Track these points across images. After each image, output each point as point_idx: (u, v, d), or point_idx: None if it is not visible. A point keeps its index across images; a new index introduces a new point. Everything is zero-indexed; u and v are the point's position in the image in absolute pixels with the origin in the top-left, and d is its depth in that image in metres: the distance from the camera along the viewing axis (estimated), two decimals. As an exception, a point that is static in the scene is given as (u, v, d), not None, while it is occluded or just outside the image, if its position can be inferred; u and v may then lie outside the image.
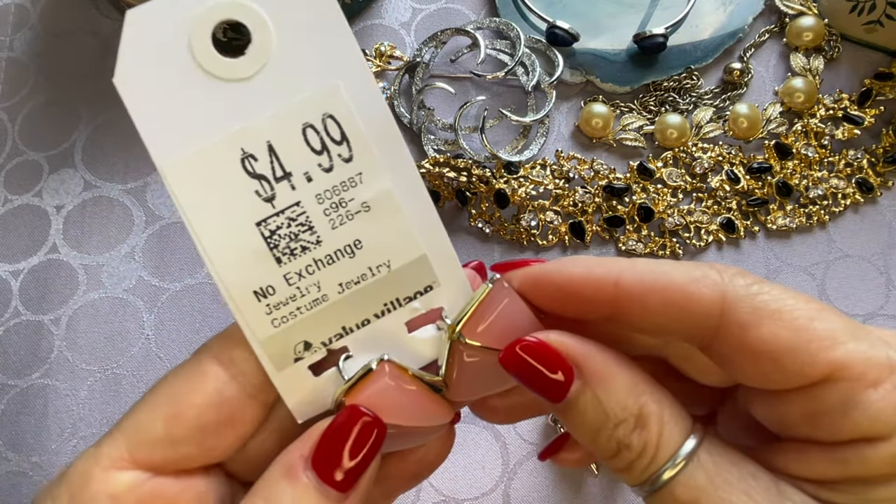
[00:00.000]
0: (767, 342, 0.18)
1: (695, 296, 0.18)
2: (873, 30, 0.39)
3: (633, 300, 0.19)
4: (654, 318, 0.19)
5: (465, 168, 0.36)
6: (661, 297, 0.19)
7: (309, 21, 0.17)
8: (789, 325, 0.18)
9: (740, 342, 0.18)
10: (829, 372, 0.17)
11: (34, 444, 0.34)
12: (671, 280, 0.19)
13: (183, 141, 0.17)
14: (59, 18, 0.43)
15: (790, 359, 0.17)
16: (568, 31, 0.39)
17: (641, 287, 0.19)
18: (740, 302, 0.18)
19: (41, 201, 0.39)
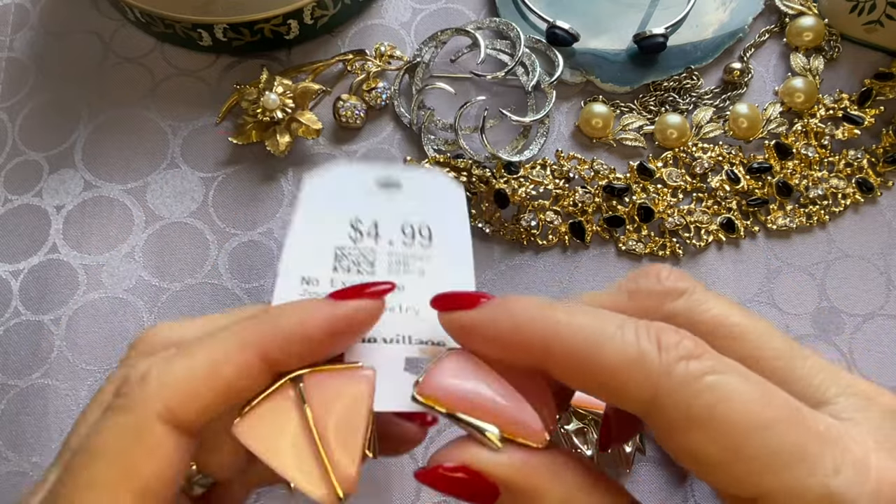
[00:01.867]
0: (693, 451, 0.16)
1: (624, 385, 0.17)
2: (873, 30, 0.39)
3: (559, 371, 0.18)
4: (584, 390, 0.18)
5: (465, 168, 0.36)
6: (592, 379, 0.18)
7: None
8: (720, 438, 0.16)
9: (669, 437, 0.17)
10: (756, 496, 0.16)
11: (34, 444, 0.34)
12: (604, 361, 0.17)
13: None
14: (59, 18, 0.43)
15: (715, 474, 0.16)
16: (568, 31, 0.39)
17: (570, 365, 0.18)
18: (673, 402, 0.16)
19: (41, 201, 0.39)
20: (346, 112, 0.39)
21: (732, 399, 0.16)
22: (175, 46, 0.42)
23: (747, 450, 0.16)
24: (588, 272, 0.37)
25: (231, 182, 0.39)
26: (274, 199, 0.39)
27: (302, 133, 0.38)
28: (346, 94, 0.40)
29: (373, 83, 0.40)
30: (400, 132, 0.40)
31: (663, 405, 0.16)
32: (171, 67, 0.42)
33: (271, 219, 0.38)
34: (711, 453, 0.16)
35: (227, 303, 0.36)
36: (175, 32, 0.40)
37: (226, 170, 0.39)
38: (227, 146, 0.40)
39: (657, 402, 0.17)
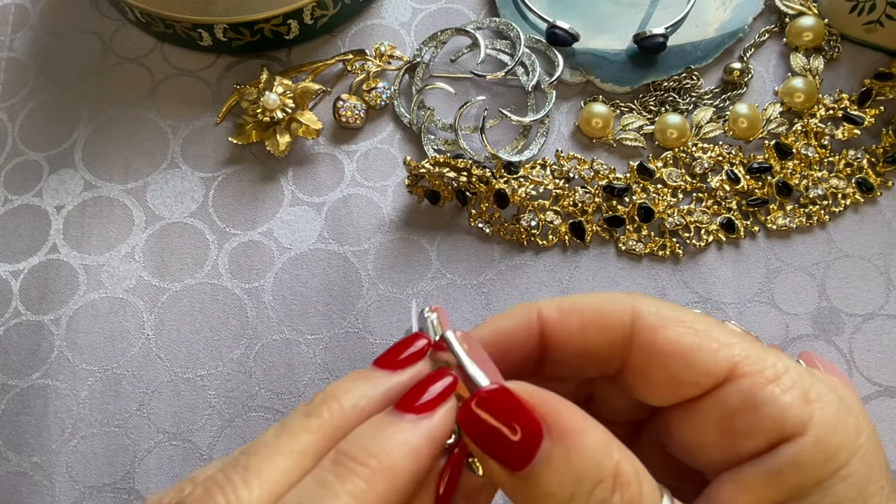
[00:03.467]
0: (674, 341, 0.19)
1: (607, 310, 0.20)
2: (873, 30, 0.39)
3: (555, 329, 0.20)
4: (576, 342, 0.20)
5: (465, 168, 0.36)
6: (579, 317, 0.20)
7: None
8: (691, 329, 0.19)
9: (651, 345, 0.19)
10: (731, 368, 0.18)
11: (34, 444, 0.34)
12: (584, 304, 0.20)
13: None
14: (59, 18, 0.43)
15: (695, 356, 0.19)
16: (568, 31, 0.39)
17: (559, 313, 0.20)
18: (647, 312, 0.20)
19: (41, 201, 0.39)
20: (346, 112, 0.39)
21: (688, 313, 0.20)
22: (175, 46, 0.42)
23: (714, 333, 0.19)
24: (588, 272, 0.37)
25: (231, 182, 0.39)
26: (274, 199, 0.39)
27: (302, 133, 0.38)
28: (346, 94, 0.40)
29: (373, 83, 0.40)
30: (400, 132, 0.40)
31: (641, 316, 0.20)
32: (171, 67, 0.42)
33: (271, 219, 0.38)
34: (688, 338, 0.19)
35: (227, 303, 0.36)
36: (175, 32, 0.40)
37: (226, 170, 0.39)
38: (227, 146, 0.40)
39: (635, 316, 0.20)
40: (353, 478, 0.17)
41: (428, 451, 0.18)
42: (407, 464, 0.18)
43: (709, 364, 0.19)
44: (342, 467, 0.18)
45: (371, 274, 0.37)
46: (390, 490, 0.17)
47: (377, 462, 0.18)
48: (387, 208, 0.38)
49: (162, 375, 0.35)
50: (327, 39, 0.42)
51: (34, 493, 0.33)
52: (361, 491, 0.17)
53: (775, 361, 0.18)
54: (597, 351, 0.20)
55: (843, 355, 0.35)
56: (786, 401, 0.18)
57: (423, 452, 0.18)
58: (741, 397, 0.18)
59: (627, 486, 0.17)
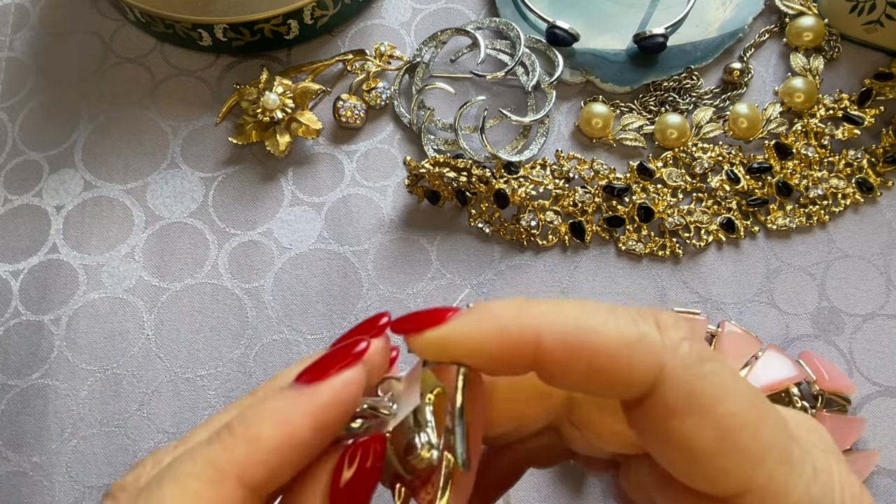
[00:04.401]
0: (689, 438, 0.16)
1: (626, 366, 0.16)
2: (873, 30, 0.39)
3: (555, 365, 0.17)
4: (579, 384, 0.17)
5: (465, 168, 0.36)
6: (588, 363, 0.16)
7: None
8: (717, 427, 0.16)
9: (662, 424, 0.16)
10: (742, 491, 0.16)
11: (34, 444, 0.34)
12: (600, 344, 0.16)
13: None
14: (59, 18, 0.43)
15: (706, 464, 0.16)
16: (568, 31, 0.39)
17: (563, 351, 0.16)
18: (676, 380, 0.16)
19: (41, 201, 0.39)
20: (346, 112, 0.39)
21: (731, 389, 0.16)
22: (175, 46, 0.42)
23: (744, 442, 0.16)
24: (588, 272, 0.37)
25: (231, 182, 0.39)
26: (274, 199, 0.39)
27: (302, 133, 0.38)
28: (346, 94, 0.40)
29: (373, 83, 0.40)
30: (400, 132, 0.40)
31: (666, 385, 0.16)
32: (171, 67, 0.42)
33: (271, 219, 0.38)
34: (706, 441, 0.16)
35: (227, 303, 0.36)
36: (175, 32, 0.40)
37: (226, 170, 0.39)
38: (227, 146, 0.40)
39: (660, 382, 0.16)
40: (217, 442, 0.17)
41: (302, 421, 0.17)
42: (273, 432, 0.16)
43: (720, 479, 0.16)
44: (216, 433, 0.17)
45: (371, 274, 0.37)
46: (249, 458, 0.16)
47: (243, 429, 0.17)
48: (387, 208, 0.38)
49: (162, 375, 0.35)
50: (327, 39, 0.42)
51: (34, 493, 0.33)
52: (215, 454, 0.16)
53: (802, 495, 0.16)
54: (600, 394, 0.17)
55: (843, 355, 0.35)
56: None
57: (294, 421, 0.17)
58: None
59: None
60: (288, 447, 0.17)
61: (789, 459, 0.16)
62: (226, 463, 0.16)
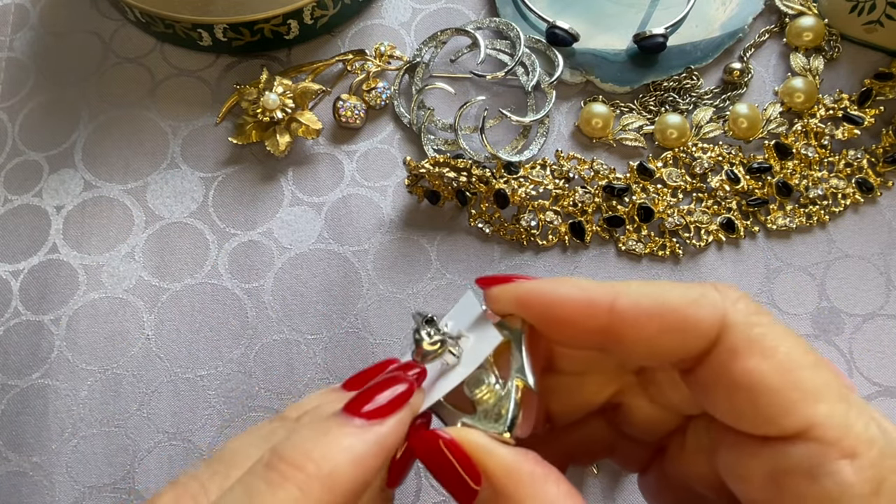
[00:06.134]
0: (751, 376, 0.17)
1: (693, 319, 0.17)
2: (873, 30, 0.39)
3: (628, 325, 0.18)
4: (650, 343, 0.18)
5: (465, 168, 0.36)
6: (660, 321, 0.18)
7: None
8: (779, 366, 0.17)
9: (725, 370, 0.17)
10: (805, 427, 0.16)
11: (34, 444, 0.34)
12: (669, 303, 0.18)
13: None
14: (59, 18, 0.43)
15: (768, 401, 0.16)
16: (568, 31, 0.39)
17: (637, 311, 0.18)
18: (738, 328, 0.17)
19: (41, 201, 0.39)
20: (346, 112, 0.39)
21: (787, 336, 0.17)
22: (175, 46, 0.42)
23: (803, 379, 0.17)
24: (588, 272, 0.37)
25: (231, 182, 0.39)
26: (274, 199, 0.39)
27: (302, 133, 0.38)
28: (346, 94, 0.40)
29: (373, 83, 0.40)
30: (400, 132, 0.40)
31: (729, 333, 0.17)
32: (171, 67, 0.42)
33: (271, 219, 0.38)
34: (771, 379, 0.17)
35: (228, 303, 0.36)
36: (175, 32, 0.40)
37: (226, 170, 0.39)
38: (227, 146, 0.40)
39: (724, 331, 0.17)
40: (287, 484, 0.16)
41: (374, 462, 0.17)
42: (349, 472, 0.16)
43: (780, 414, 0.16)
44: (275, 472, 0.16)
45: (371, 274, 0.37)
46: (328, 500, 0.16)
47: (315, 468, 0.16)
48: (387, 208, 0.38)
49: (162, 375, 0.35)
50: (327, 39, 0.42)
51: (34, 493, 0.33)
52: (294, 499, 0.16)
53: (861, 431, 0.16)
54: (667, 356, 0.18)
55: (843, 355, 0.35)
56: (852, 482, 0.15)
57: (368, 462, 0.17)
58: (806, 462, 0.16)
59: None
60: (361, 485, 0.17)
61: (847, 398, 0.17)
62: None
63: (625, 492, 0.33)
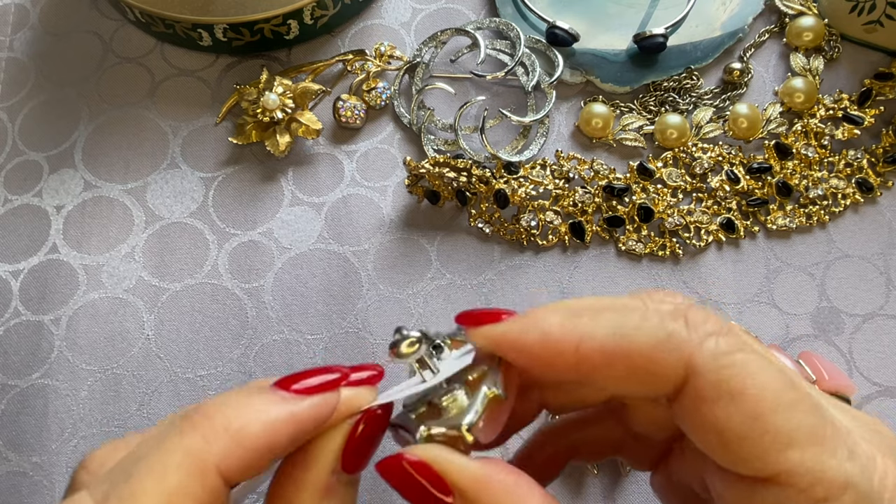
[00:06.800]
0: (719, 423, 0.17)
1: (658, 364, 0.17)
2: (873, 30, 0.39)
3: (595, 368, 0.18)
4: (619, 384, 0.18)
5: (465, 168, 0.36)
6: (625, 364, 0.18)
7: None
8: (747, 411, 0.16)
9: (696, 412, 0.17)
10: (776, 473, 0.16)
11: (34, 444, 0.34)
12: (634, 346, 0.18)
13: None
14: (59, 18, 0.43)
15: (738, 447, 0.17)
16: (568, 31, 0.39)
17: (602, 355, 0.18)
18: (705, 372, 0.17)
19: (41, 201, 0.39)
20: (346, 112, 0.39)
21: (759, 376, 0.17)
22: (175, 46, 0.42)
23: (773, 425, 0.16)
24: (588, 272, 0.37)
25: (231, 182, 0.39)
26: (274, 199, 0.39)
27: (302, 133, 0.38)
28: (346, 94, 0.40)
29: (373, 83, 0.40)
30: (400, 132, 0.40)
31: (695, 377, 0.17)
32: (171, 67, 0.42)
33: (271, 219, 0.38)
34: (738, 426, 0.16)
35: (228, 303, 0.36)
36: (175, 32, 0.40)
37: (226, 170, 0.39)
38: (227, 146, 0.40)
39: (691, 374, 0.17)
40: (194, 433, 0.17)
41: (285, 429, 0.18)
42: (257, 433, 0.17)
43: (751, 460, 0.16)
44: (188, 421, 0.17)
45: (371, 274, 0.37)
46: (230, 454, 0.17)
47: (225, 421, 0.17)
48: (387, 208, 0.38)
49: (162, 375, 0.35)
50: (327, 39, 0.42)
51: (34, 493, 0.33)
52: (197, 446, 0.17)
53: (835, 475, 0.16)
54: (638, 394, 0.19)
55: (843, 355, 0.35)
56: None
57: (277, 428, 0.17)
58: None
59: None
60: (266, 447, 0.17)
61: (821, 440, 0.16)
62: (207, 454, 0.17)
63: (625, 492, 0.33)
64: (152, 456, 0.17)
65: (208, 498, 0.17)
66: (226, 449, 0.17)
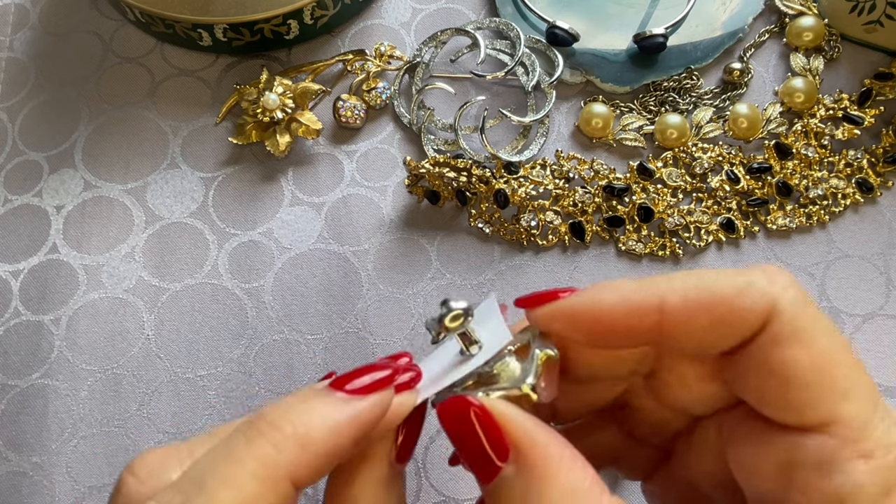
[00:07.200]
0: (787, 367, 0.17)
1: (742, 309, 0.17)
2: (873, 30, 0.39)
3: (679, 323, 0.18)
4: (700, 336, 0.18)
5: (465, 168, 0.36)
6: (709, 315, 0.18)
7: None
8: (817, 359, 0.17)
9: (764, 356, 0.17)
10: (827, 422, 0.17)
11: (34, 444, 0.34)
12: (717, 294, 0.18)
13: None
14: (59, 18, 0.43)
15: (798, 392, 0.17)
16: (568, 31, 0.39)
17: (686, 308, 0.18)
18: (786, 316, 0.17)
19: (41, 201, 0.39)
20: (346, 112, 0.39)
21: (830, 332, 0.17)
22: (175, 46, 0.42)
23: (837, 376, 0.17)
24: (588, 272, 0.37)
25: (231, 182, 0.39)
26: (274, 199, 0.39)
27: (302, 133, 0.38)
28: (346, 94, 0.40)
29: (373, 83, 0.40)
30: (400, 132, 0.40)
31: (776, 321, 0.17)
32: (171, 67, 0.42)
33: (271, 219, 0.38)
34: (805, 371, 0.17)
35: (228, 303, 0.36)
36: (175, 32, 0.40)
37: (226, 170, 0.39)
38: (227, 146, 0.40)
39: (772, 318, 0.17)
40: (263, 441, 0.17)
41: (349, 432, 0.18)
42: (323, 437, 0.17)
43: (809, 407, 0.17)
44: (254, 430, 0.17)
45: (371, 274, 0.37)
46: (300, 461, 0.17)
47: (292, 428, 0.17)
48: (387, 208, 0.38)
49: (162, 375, 0.35)
50: (327, 39, 0.42)
51: (34, 493, 0.33)
52: (269, 455, 0.17)
53: (882, 435, 0.16)
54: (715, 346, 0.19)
55: (843, 355, 0.35)
56: (863, 482, 0.16)
57: (342, 431, 0.18)
58: (820, 456, 0.16)
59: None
60: (334, 451, 0.17)
61: (875, 403, 0.17)
62: (278, 462, 0.17)
63: (625, 492, 0.33)
64: (223, 466, 0.17)
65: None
66: (295, 456, 0.17)
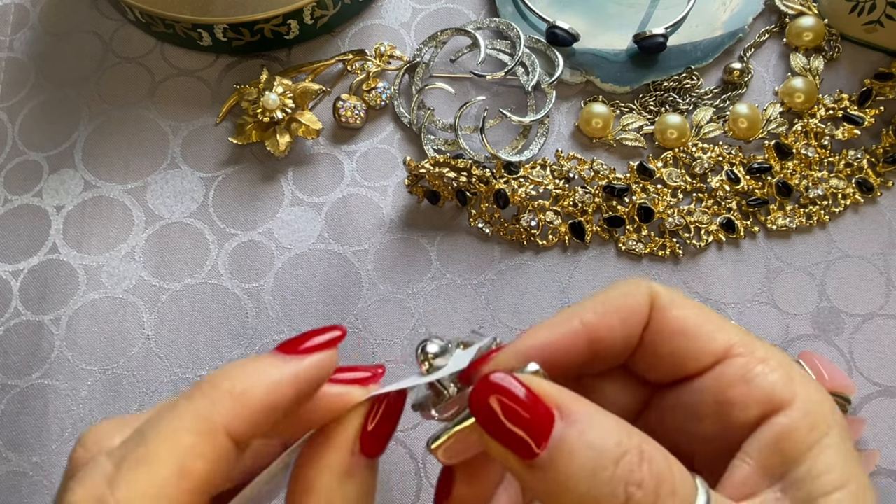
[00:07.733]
0: (681, 320, 0.21)
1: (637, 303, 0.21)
2: (873, 30, 0.39)
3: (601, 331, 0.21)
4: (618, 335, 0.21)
5: (465, 168, 0.36)
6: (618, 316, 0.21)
7: None
8: (696, 313, 0.21)
9: (663, 323, 0.21)
10: (728, 347, 0.20)
11: (34, 444, 0.34)
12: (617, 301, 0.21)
13: None
14: (59, 18, 0.43)
15: (698, 335, 0.21)
16: (568, 31, 0.39)
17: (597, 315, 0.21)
18: (662, 295, 0.21)
19: (41, 201, 0.39)
20: (346, 112, 0.39)
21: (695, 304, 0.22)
22: (175, 46, 0.42)
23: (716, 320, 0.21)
24: (588, 272, 0.37)
25: (231, 182, 0.39)
26: (274, 199, 0.39)
27: (302, 133, 0.38)
28: (346, 94, 0.40)
29: (373, 83, 0.40)
30: (400, 132, 0.40)
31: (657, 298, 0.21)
32: (171, 67, 0.42)
33: (271, 219, 0.38)
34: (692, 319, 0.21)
35: (228, 303, 0.36)
36: (175, 32, 0.40)
37: (226, 170, 0.39)
38: (227, 146, 0.40)
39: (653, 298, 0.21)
40: (201, 396, 0.18)
41: (287, 390, 0.19)
42: (260, 394, 0.18)
43: (709, 343, 0.21)
44: (195, 389, 0.18)
45: (371, 274, 0.37)
46: (236, 415, 0.18)
47: (230, 385, 0.18)
48: (387, 208, 0.38)
49: (162, 375, 0.35)
50: (327, 39, 0.42)
51: (34, 493, 0.33)
52: (205, 409, 0.18)
53: (763, 346, 0.21)
54: (629, 338, 0.21)
55: (843, 355, 0.35)
56: (774, 377, 0.20)
57: (281, 389, 0.18)
58: (735, 373, 0.20)
59: (653, 460, 0.17)
60: (272, 408, 0.18)
61: (750, 336, 0.21)
62: (215, 416, 0.18)
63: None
64: (164, 423, 0.18)
65: (218, 458, 0.17)
66: (232, 410, 0.18)
